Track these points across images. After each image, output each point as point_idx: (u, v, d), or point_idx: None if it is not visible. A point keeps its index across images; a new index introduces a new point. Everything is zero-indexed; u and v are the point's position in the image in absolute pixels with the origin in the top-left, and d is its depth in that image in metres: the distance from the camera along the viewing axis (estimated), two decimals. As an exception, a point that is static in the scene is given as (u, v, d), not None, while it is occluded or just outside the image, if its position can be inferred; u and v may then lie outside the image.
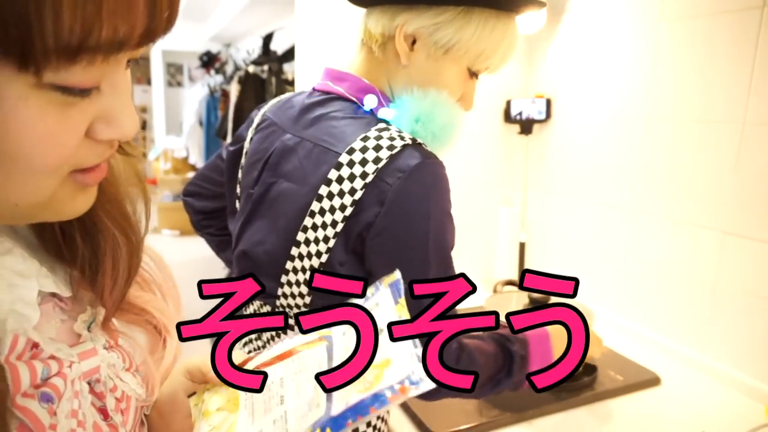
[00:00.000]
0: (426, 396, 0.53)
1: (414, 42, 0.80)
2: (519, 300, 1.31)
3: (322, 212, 0.76)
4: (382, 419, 0.92)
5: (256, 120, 0.95)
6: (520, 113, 1.69)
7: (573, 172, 1.61)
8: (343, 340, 0.47)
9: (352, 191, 0.74)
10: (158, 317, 0.51)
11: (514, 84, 1.74)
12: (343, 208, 0.74)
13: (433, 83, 0.82)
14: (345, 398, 0.40)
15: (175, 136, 6.09)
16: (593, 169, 1.53)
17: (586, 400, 1.12)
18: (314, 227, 0.76)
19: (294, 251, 0.79)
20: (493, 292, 1.36)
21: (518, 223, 1.75)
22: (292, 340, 0.53)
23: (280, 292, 0.82)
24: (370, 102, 0.81)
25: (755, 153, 1.12)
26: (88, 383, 0.42)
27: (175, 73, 6.91)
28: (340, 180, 0.75)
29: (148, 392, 0.49)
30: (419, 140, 0.78)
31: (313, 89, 0.89)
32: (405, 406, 1.07)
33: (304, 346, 0.50)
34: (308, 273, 0.78)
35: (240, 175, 0.94)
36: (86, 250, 0.42)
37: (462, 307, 1.63)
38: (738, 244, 1.17)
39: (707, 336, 1.25)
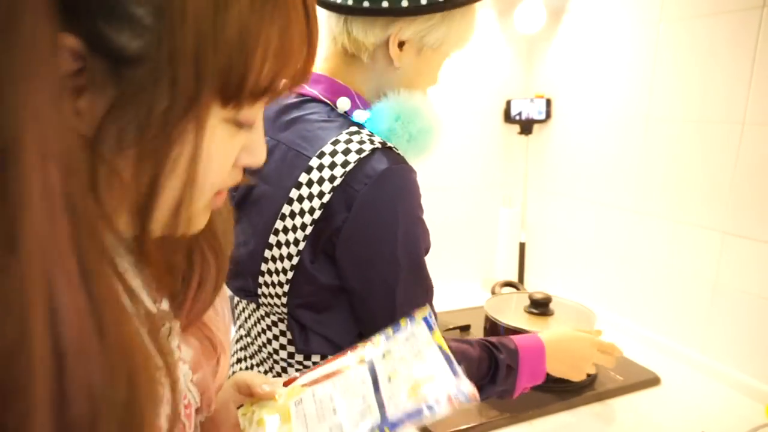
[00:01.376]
0: None
1: (402, 44, 0.82)
2: (519, 301, 1.31)
3: (292, 215, 0.77)
4: None
5: None
6: (520, 113, 1.69)
7: (573, 172, 1.61)
8: (383, 363, 0.54)
9: (321, 194, 0.75)
10: (216, 333, 0.53)
11: (514, 84, 1.74)
12: (312, 211, 0.76)
13: (419, 77, 0.87)
14: (399, 408, 0.48)
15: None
16: (593, 169, 1.53)
17: (586, 400, 1.12)
18: (285, 230, 0.78)
19: (267, 253, 0.80)
20: (492, 294, 1.36)
21: (518, 223, 1.75)
22: (333, 363, 0.58)
23: (259, 291, 0.83)
24: (343, 104, 0.83)
25: (755, 153, 1.12)
26: None
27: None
28: (309, 183, 0.76)
29: (204, 402, 0.52)
30: (391, 144, 0.79)
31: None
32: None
33: (347, 367, 0.56)
34: (281, 275, 0.79)
35: None
36: (182, 267, 0.46)
37: (463, 307, 1.61)
38: (738, 244, 1.17)
39: (707, 336, 1.25)
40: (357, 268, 0.78)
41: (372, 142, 0.77)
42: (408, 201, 0.78)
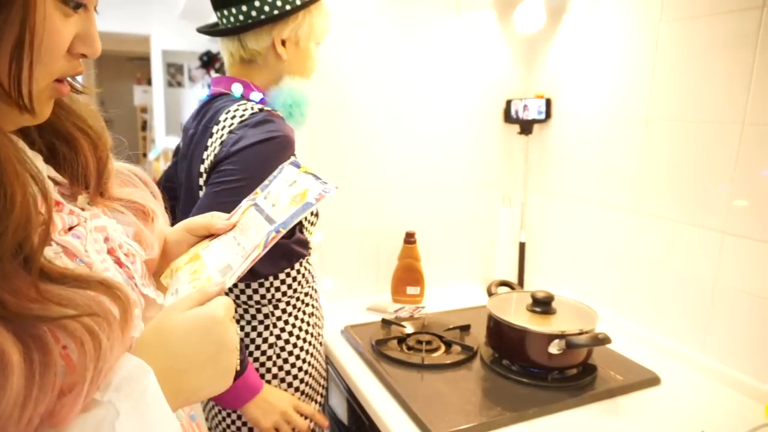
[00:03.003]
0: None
1: (284, 42, 1.10)
2: (521, 300, 1.31)
3: (205, 171, 1.04)
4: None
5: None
6: (520, 113, 1.69)
7: (573, 172, 1.61)
8: (265, 201, 0.70)
9: (215, 149, 1.02)
10: (143, 202, 0.66)
11: (514, 84, 1.74)
12: (209, 161, 1.03)
13: (303, 65, 1.14)
14: (284, 214, 0.63)
15: (175, 136, 6.08)
16: (593, 169, 1.53)
17: (587, 399, 1.12)
18: (200, 187, 1.05)
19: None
20: (488, 293, 1.36)
21: (518, 223, 1.76)
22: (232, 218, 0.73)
23: None
24: (236, 89, 1.11)
25: (755, 153, 1.12)
26: (103, 242, 0.55)
27: (175, 73, 6.90)
28: (211, 144, 1.04)
29: (146, 248, 0.64)
30: (272, 109, 1.06)
31: (208, 94, 1.17)
32: (405, 406, 1.08)
33: (241, 216, 0.71)
34: None
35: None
36: (66, 151, 0.56)
37: (463, 307, 1.62)
38: (738, 244, 1.17)
39: (707, 336, 1.25)
40: (214, 179, 1.00)
41: (253, 108, 1.04)
42: (272, 138, 1.00)
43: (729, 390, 1.18)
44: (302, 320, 1.19)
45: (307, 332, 1.20)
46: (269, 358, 1.14)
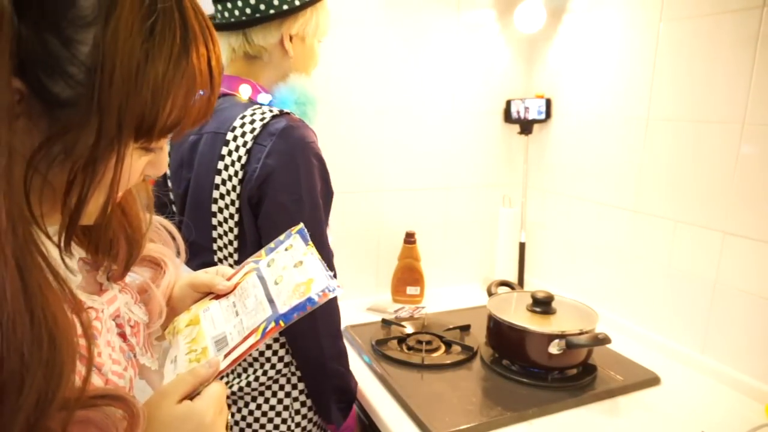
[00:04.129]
0: None
1: (291, 38, 1.06)
2: (521, 300, 1.31)
3: (223, 182, 0.98)
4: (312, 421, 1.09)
5: None
6: (520, 113, 1.69)
7: (573, 172, 1.61)
8: (268, 270, 0.68)
9: (239, 159, 0.96)
10: (157, 255, 0.69)
11: (514, 84, 1.74)
12: (236, 174, 0.96)
13: (308, 62, 1.11)
14: (287, 303, 0.60)
15: (174, 136, 6.07)
16: (593, 169, 1.53)
17: (587, 399, 1.12)
18: (221, 197, 0.98)
19: (213, 221, 1.00)
20: (488, 293, 1.36)
21: (518, 223, 1.75)
22: (233, 279, 0.73)
23: (215, 258, 1.03)
24: (245, 91, 1.05)
25: (755, 153, 1.12)
26: (113, 319, 0.59)
27: (174, 73, 6.90)
28: (230, 153, 0.97)
29: (152, 318, 0.66)
30: (287, 110, 1.01)
31: None
32: (405, 406, 1.08)
33: (242, 278, 0.70)
34: (229, 234, 1.00)
35: (170, 183, 1.13)
36: (102, 241, 0.59)
37: (463, 307, 1.62)
38: (738, 244, 1.17)
39: (707, 336, 1.25)
40: (269, 211, 0.95)
41: (271, 111, 0.98)
42: (305, 151, 0.96)
43: (729, 390, 1.18)
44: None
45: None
46: (269, 385, 1.06)
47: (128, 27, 0.43)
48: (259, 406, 1.05)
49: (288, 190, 0.95)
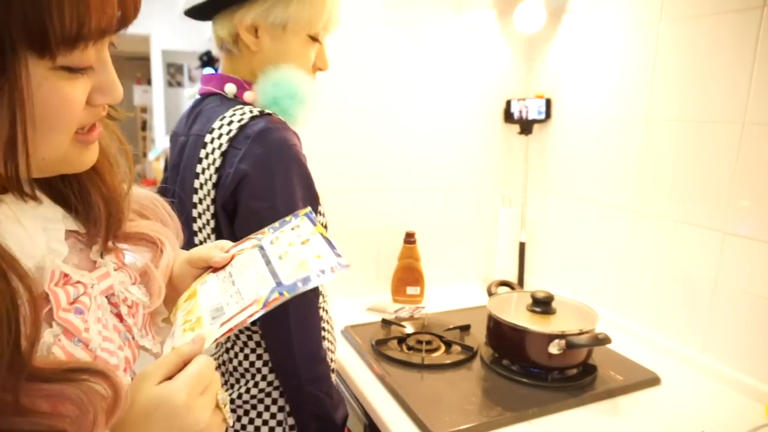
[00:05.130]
0: None
1: (257, 30, 0.95)
2: (521, 300, 1.31)
3: (201, 187, 0.93)
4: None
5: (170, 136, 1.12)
6: (520, 113, 1.69)
7: (573, 172, 1.61)
8: (271, 247, 0.66)
9: (215, 161, 0.90)
10: (154, 235, 0.66)
11: (514, 84, 1.74)
12: (211, 177, 0.91)
13: (283, 59, 0.97)
14: (292, 276, 0.58)
15: (175, 136, 6.06)
16: (593, 169, 1.53)
17: (587, 399, 1.12)
18: (200, 201, 0.94)
19: (194, 226, 0.96)
20: (488, 293, 1.36)
21: (518, 223, 1.75)
22: (233, 250, 0.71)
23: None
24: (230, 89, 0.98)
25: (755, 153, 1.12)
26: (106, 297, 0.56)
27: (175, 73, 6.90)
28: (206, 156, 0.92)
29: (152, 298, 0.63)
30: (270, 111, 0.93)
31: (198, 93, 1.05)
32: (405, 406, 1.08)
33: (241, 251, 0.69)
34: (208, 241, 0.93)
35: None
36: (80, 205, 0.57)
37: (463, 307, 1.62)
38: (738, 244, 1.17)
39: (707, 336, 1.25)
40: (243, 218, 0.89)
41: (251, 112, 0.91)
42: (283, 155, 0.89)
43: (729, 390, 1.18)
44: None
45: None
46: (274, 387, 1.00)
47: None
48: (251, 421, 0.98)
49: (262, 196, 0.88)
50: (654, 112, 1.33)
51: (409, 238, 1.63)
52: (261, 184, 0.88)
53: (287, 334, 0.90)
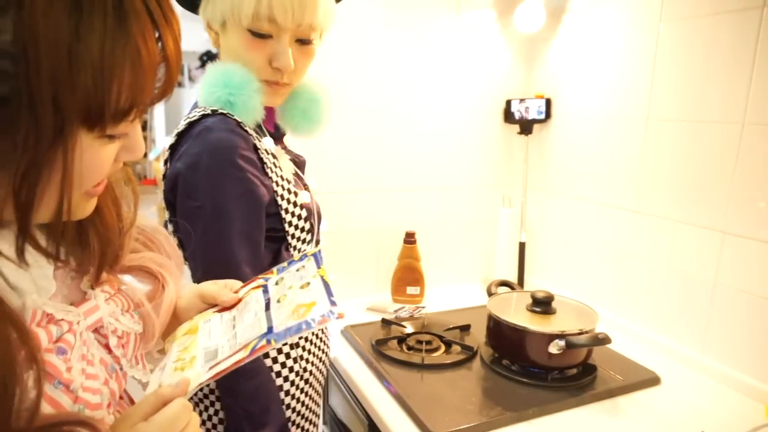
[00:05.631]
0: None
1: (211, 28, 0.95)
2: (521, 300, 1.31)
3: (163, 191, 0.93)
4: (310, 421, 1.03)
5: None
6: (520, 113, 1.69)
7: (573, 172, 1.61)
8: (275, 288, 0.68)
9: (165, 162, 0.92)
10: (156, 269, 0.65)
11: (514, 84, 1.74)
12: (163, 177, 0.92)
13: (232, 56, 0.94)
14: (283, 323, 0.59)
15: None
16: (593, 168, 1.53)
17: (587, 399, 1.12)
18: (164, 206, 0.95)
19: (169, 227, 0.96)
20: (488, 293, 1.36)
21: (518, 223, 1.76)
22: (243, 291, 0.72)
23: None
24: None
25: (755, 153, 1.12)
26: (94, 330, 0.55)
27: (175, 73, 6.89)
28: (165, 161, 0.93)
29: (147, 331, 0.63)
30: (220, 109, 0.90)
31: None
32: (405, 406, 1.08)
33: (248, 293, 0.70)
34: (176, 241, 0.91)
35: None
36: (76, 242, 0.57)
37: (463, 307, 1.62)
38: (738, 244, 1.17)
39: (707, 336, 1.25)
40: (179, 214, 0.89)
41: (204, 110, 0.90)
42: (217, 155, 0.86)
43: (729, 390, 1.18)
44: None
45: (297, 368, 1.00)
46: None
47: (46, 3, 0.38)
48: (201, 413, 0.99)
49: (192, 195, 0.87)
50: (654, 112, 1.33)
51: (409, 238, 1.63)
52: (192, 183, 0.87)
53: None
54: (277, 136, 1.07)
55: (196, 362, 0.59)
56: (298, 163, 1.09)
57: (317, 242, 1.07)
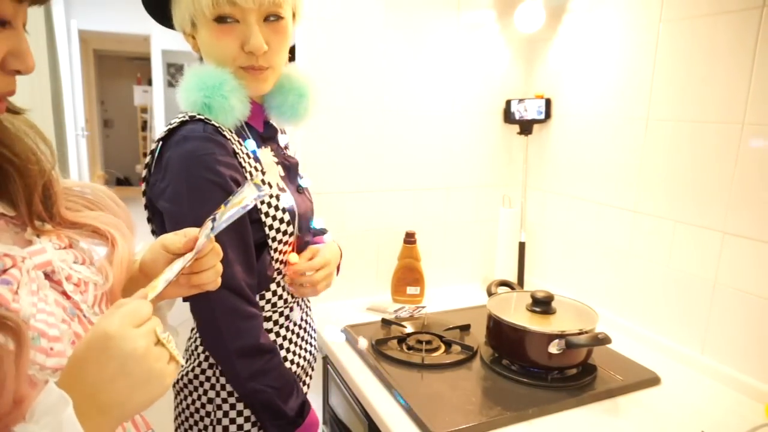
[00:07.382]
0: None
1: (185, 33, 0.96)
2: (521, 300, 1.31)
3: (144, 192, 0.95)
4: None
5: None
6: (520, 113, 1.69)
7: (573, 172, 1.61)
8: (218, 213, 0.68)
9: (148, 166, 0.93)
10: (103, 228, 0.66)
11: (514, 84, 1.74)
12: (146, 181, 0.94)
13: (209, 54, 0.94)
14: (222, 219, 0.63)
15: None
16: (593, 169, 1.53)
17: (586, 399, 1.12)
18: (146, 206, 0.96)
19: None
20: (488, 293, 1.36)
21: (518, 223, 1.76)
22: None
23: None
24: None
25: (755, 153, 1.12)
26: (44, 273, 0.57)
27: (175, 73, 6.90)
28: (146, 165, 0.94)
29: (105, 279, 0.64)
30: (198, 114, 0.91)
31: None
32: (405, 406, 1.08)
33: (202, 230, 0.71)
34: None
35: None
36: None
37: (463, 307, 1.62)
38: (738, 244, 1.17)
39: (707, 336, 1.25)
40: (160, 215, 0.91)
41: (185, 116, 0.91)
42: (192, 162, 0.87)
43: (729, 390, 1.18)
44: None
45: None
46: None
47: None
48: (193, 401, 1.01)
49: (170, 199, 0.89)
50: (654, 112, 1.33)
51: (409, 238, 1.63)
52: (171, 188, 0.88)
53: (218, 336, 0.92)
54: (267, 136, 1.05)
55: (157, 284, 0.62)
56: (288, 165, 1.06)
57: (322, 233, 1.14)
